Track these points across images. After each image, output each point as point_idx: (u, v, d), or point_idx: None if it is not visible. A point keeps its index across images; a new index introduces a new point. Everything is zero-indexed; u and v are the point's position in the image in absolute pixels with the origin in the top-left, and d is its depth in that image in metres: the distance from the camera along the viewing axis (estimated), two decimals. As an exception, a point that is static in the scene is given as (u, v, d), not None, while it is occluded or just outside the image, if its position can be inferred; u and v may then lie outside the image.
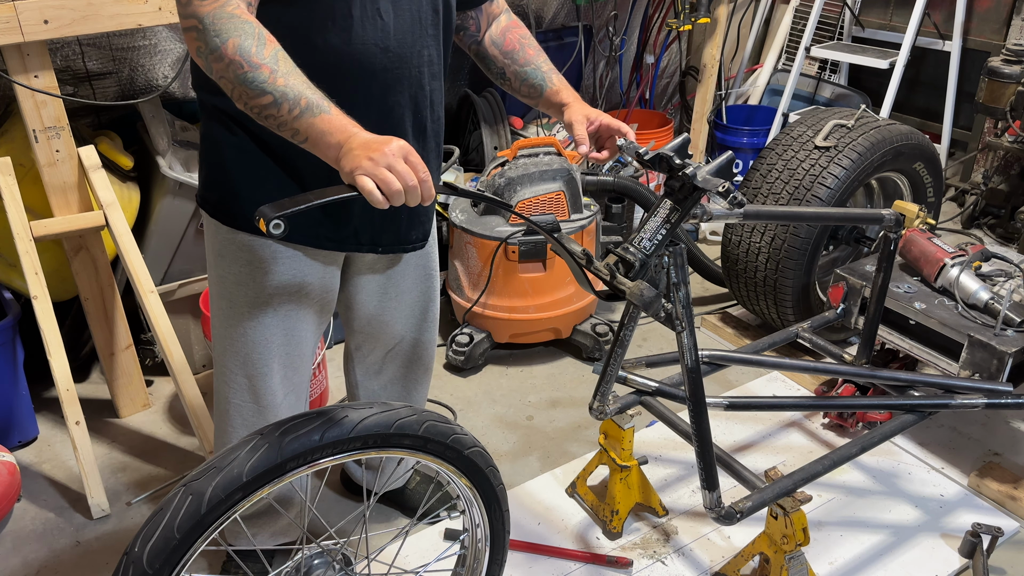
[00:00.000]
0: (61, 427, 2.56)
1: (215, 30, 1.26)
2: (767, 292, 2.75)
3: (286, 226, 1.15)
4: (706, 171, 1.51)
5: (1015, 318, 2.17)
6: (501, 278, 2.78)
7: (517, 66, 1.75)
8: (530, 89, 1.76)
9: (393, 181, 1.19)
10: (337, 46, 1.43)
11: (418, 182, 1.22)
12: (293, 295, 1.64)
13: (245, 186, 1.55)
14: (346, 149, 1.23)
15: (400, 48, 1.49)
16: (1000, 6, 3.99)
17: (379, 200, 1.20)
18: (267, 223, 1.14)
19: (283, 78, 1.26)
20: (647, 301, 1.45)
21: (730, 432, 2.55)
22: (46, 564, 2.10)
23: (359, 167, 1.20)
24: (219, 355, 1.73)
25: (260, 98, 1.26)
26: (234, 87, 1.28)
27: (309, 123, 1.26)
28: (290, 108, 1.26)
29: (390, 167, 1.20)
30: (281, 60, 1.28)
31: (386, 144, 1.21)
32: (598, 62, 4.00)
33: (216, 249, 1.64)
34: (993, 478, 2.30)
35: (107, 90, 2.79)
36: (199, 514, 1.20)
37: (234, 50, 1.25)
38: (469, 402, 2.73)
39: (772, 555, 1.86)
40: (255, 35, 1.27)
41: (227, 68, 1.26)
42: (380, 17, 1.45)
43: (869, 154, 2.61)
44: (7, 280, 2.48)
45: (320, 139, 1.26)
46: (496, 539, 1.61)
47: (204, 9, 1.27)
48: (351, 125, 1.26)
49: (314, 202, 1.18)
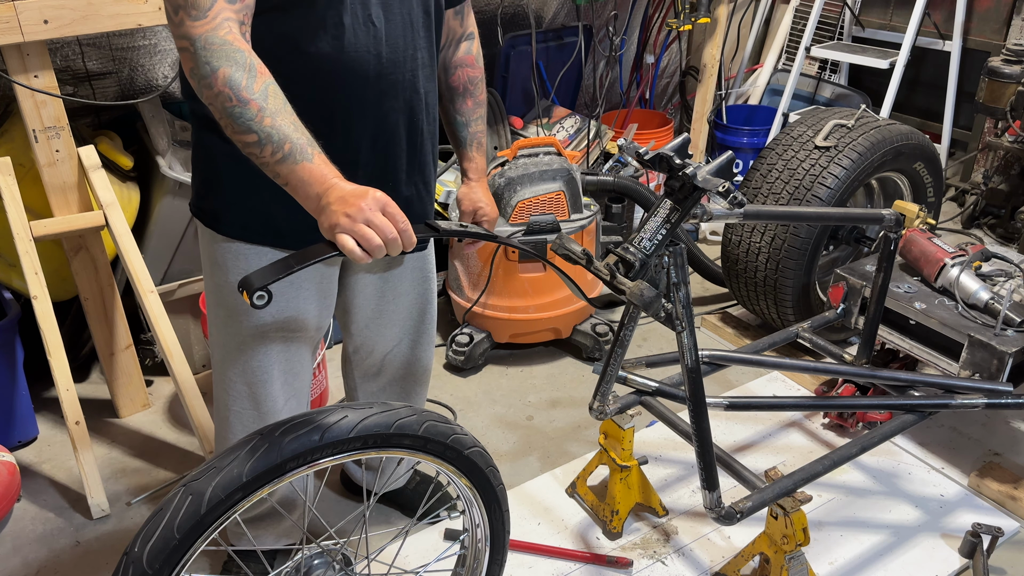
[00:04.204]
0: (61, 427, 2.56)
1: (205, 57, 1.24)
2: (767, 292, 2.75)
3: (270, 297, 1.15)
4: (706, 171, 1.51)
5: (1015, 318, 2.17)
6: (501, 278, 2.78)
7: (452, 108, 1.79)
8: (451, 135, 1.82)
9: (372, 237, 1.17)
10: (330, 54, 1.42)
11: (398, 233, 1.20)
12: (291, 302, 1.64)
13: (238, 194, 1.54)
14: (324, 203, 1.21)
15: (393, 53, 1.48)
16: (1000, 6, 3.99)
17: (360, 257, 1.18)
18: (251, 295, 1.13)
19: (270, 117, 1.24)
20: (647, 301, 1.45)
21: (730, 432, 2.55)
22: (46, 564, 2.10)
23: (337, 225, 1.18)
24: (218, 363, 1.73)
25: (245, 135, 1.25)
26: (221, 117, 1.26)
27: (290, 169, 1.24)
28: (273, 151, 1.24)
29: (368, 222, 1.18)
30: (271, 96, 1.25)
31: (362, 198, 1.19)
32: (598, 62, 4.00)
33: (212, 258, 1.63)
34: (993, 478, 2.30)
35: (107, 90, 2.79)
36: (199, 514, 1.20)
37: (224, 82, 1.23)
38: (469, 402, 2.73)
39: (772, 555, 1.86)
40: (246, 66, 1.25)
41: (216, 98, 1.25)
42: (372, 23, 1.44)
43: (869, 154, 2.61)
44: (7, 280, 2.48)
45: (299, 187, 1.25)
46: (496, 539, 1.61)
47: (196, 31, 1.25)
48: (331, 176, 1.24)
49: (296, 268, 1.18)
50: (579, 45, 3.62)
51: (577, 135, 3.61)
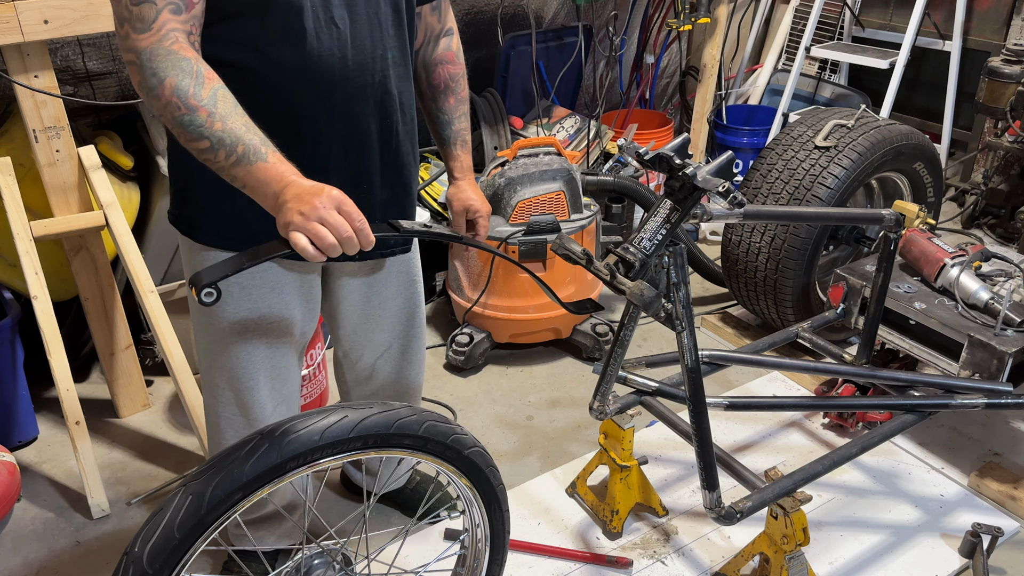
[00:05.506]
0: (61, 427, 2.56)
1: (152, 68, 1.23)
2: (767, 292, 2.75)
3: (219, 294, 1.15)
4: (706, 171, 1.51)
5: (1015, 318, 2.17)
6: (501, 278, 2.78)
7: (434, 106, 1.76)
8: (435, 134, 1.79)
9: (326, 235, 1.16)
10: (292, 60, 1.39)
11: (353, 232, 1.19)
12: (273, 308, 1.62)
13: (214, 202, 1.52)
14: (280, 201, 1.20)
15: (360, 55, 1.45)
16: (1000, 6, 3.99)
17: (313, 255, 1.17)
18: (199, 292, 1.13)
19: (220, 121, 1.23)
20: (647, 301, 1.45)
21: (730, 432, 2.55)
22: (46, 564, 2.10)
23: (291, 222, 1.17)
24: (205, 370, 1.72)
25: (198, 142, 1.24)
26: (173, 127, 1.25)
27: (246, 171, 1.23)
28: (227, 154, 1.23)
29: (322, 220, 1.16)
30: (220, 100, 1.24)
31: (317, 196, 1.17)
32: (598, 62, 4.00)
33: (191, 266, 1.62)
34: (993, 478, 2.30)
35: (107, 90, 2.79)
36: (199, 514, 1.20)
37: (171, 91, 1.22)
38: (469, 402, 2.73)
39: (772, 555, 1.86)
40: (193, 73, 1.24)
41: (165, 108, 1.24)
42: (335, 25, 1.41)
43: (869, 154, 2.61)
44: (7, 280, 2.48)
45: (257, 188, 1.24)
46: (496, 539, 1.61)
47: (142, 44, 1.24)
48: (288, 173, 1.23)
49: (247, 265, 1.18)
50: (579, 45, 3.62)
51: (577, 135, 3.61)
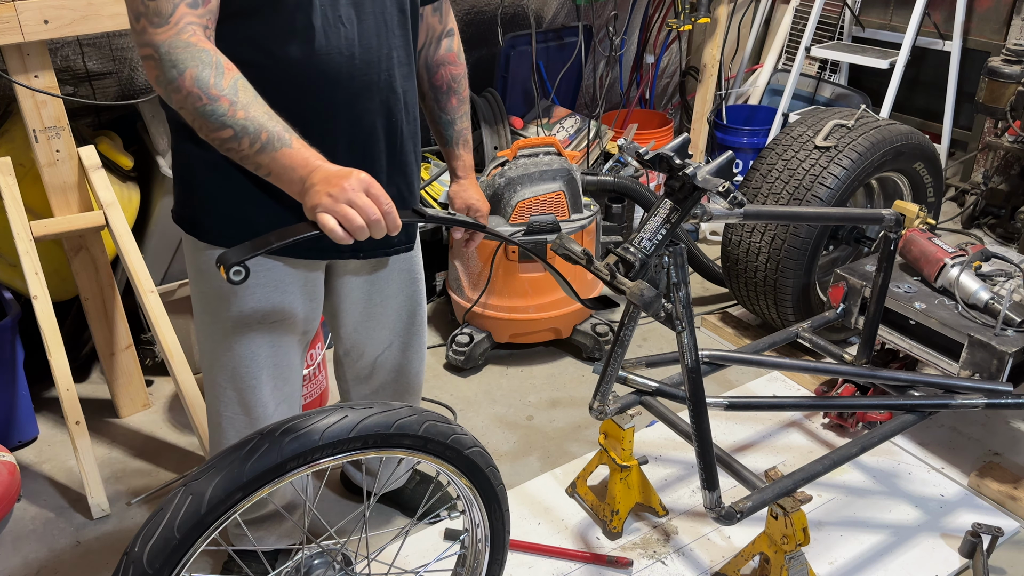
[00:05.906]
0: (61, 427, 2.56)
1: (171, 60, 1.23)
2: (767, 292, 2.75)
3: (247, 272, 1.14)
4: (706, 171, 1.51)
5: (1015, 318, 2.17)
6: (501, 278, 2.78)
7: (437, 106, 1.78)
8: (437, 134, 1.81)
9: (355, 217, 1.17)
10: (300, 57, 1.40)
11: (381, 215, 1.19)
12: (276, 306, 1.62)
13: (219, 202, 1.52)
14: (307, 185, 1.21)
15: (366, 54, 1.46)
16: (1000, 6, 3.99)
17: (341, 237, 1.17)
18: (227, 270, 1.13)
19: (243, 110, 1.23)
20: (647, 301, 1.45)
21: (730, 432, 2.55)
22: (46, 564, 2.10)
23: (319, 204, 1.18)
24: (207, 369, 1.72)
25: (220, 131, 1.24)
26: (194, 119, 1.25)
27: (271, 157, 1.24)
28: (251, 142, 1.23)
29: (351, 202, 1.17)
30: (241, 90, 1.25)
31: (346, 178, 1.18)
32: (598, 62, 4.00)
33: (195, 265, 1.62)
34: (993, 478, 2.30)
35: (107, 90, 2.79)
36: (199, 514, 1.20)
37: (192, 82, 1.22)
38: (469, 402, 2.73)
39: (772, 555, 1.86)
40: (213, 64, 1.24)
41: (185, 100, 1.24)
42: (343, 24, 1.42)
43: (869, 154, 2.61)
44: (7, 280, 2.48)
45: (283, 174, 1.24)
46: (496, 539, 1.61)
47: (160, 37, 1.24)
48: (314, 158, 1.24)
49: (275, 244, 1.17)
50: (579, 45, 3.62)
51: (577, 135, 3.61)
